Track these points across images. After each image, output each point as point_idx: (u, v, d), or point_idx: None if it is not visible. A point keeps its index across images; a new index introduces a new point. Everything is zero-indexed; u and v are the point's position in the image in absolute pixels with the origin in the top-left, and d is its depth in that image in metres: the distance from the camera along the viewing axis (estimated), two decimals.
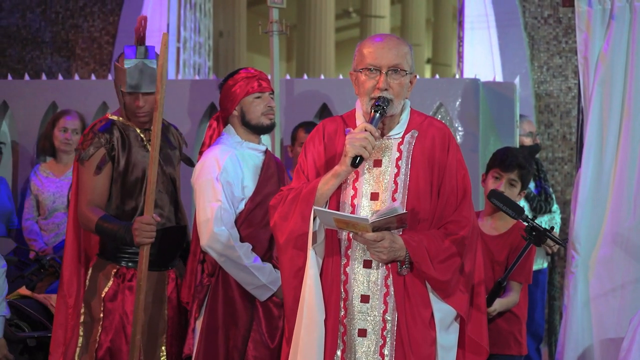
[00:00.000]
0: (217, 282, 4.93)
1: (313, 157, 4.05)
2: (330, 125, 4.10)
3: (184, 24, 9.45)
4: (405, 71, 3.95)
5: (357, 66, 3.99)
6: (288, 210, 3.94)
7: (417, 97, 7.30)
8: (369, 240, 3.79)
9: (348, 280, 3.91)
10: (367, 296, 3.90)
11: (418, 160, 3.96)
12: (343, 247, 3.94)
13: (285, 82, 7.67)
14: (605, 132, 5.51)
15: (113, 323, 4.89)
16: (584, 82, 5.56)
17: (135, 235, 4.70)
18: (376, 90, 3.90)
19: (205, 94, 7.74)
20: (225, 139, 5.06)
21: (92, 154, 4.89)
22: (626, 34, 5.50)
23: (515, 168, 5.11)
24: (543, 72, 8.83)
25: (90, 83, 8.24)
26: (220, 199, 4.86)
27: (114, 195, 4.95)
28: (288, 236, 3.93)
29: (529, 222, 4.74)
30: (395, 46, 3.97)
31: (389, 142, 3.99)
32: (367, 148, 3.80)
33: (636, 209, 5.46)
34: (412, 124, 4.03)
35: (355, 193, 3.94)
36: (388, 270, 3.90)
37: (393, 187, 3.92)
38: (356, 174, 3.95)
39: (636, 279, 5.45)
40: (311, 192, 3.89)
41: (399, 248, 3.82)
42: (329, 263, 3.94)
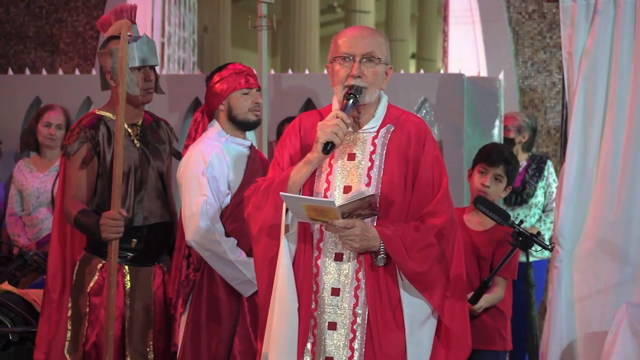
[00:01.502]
0: (203, 277, 4.93)
1: (289, 150, 4.06)
2: (306, 120, 4.10)
3: (169, 18, 9.42)
4: (379, 59, 3.94)
5: (332, 56, 3.99)
6: (261, 200, 3.94)
7: (402, 92, 7.31)
8: (339, 227, 3.76)
9: (319, 273, 3.91)
10: (338, 289, 3.90)
11: (393, 154, 3.95)
12: (315, 240, 3.93)
13: (270, 77, 7.67)
14: (589, 127, 5.52)
15: (98, 318, 4.89)
16: (568, 77, 5.57)
17: (102, 230, 4.70)
18: (350, 78, 3.90)
19: (190, 89, 7.73)
20: (211, 133, 5.06)
21: (77, 149, 4.90)
22: (610, 29, 5.51)
23: (501, 163, 5.12)
24: (527, 67, 8.84)
25: (74, 78, 8.23)
26: (206, 194, 4.86)
27: (100, 190, 4.95)
28: (261, 225, 3.93)
29: (515, 227, 4.74)
30: (369, 35, 3.98)
31: (364, 136, 3.98)
32: (338, 134, 3.79)
33: (620, 203, 5.47)
34: (388, 118, 4.03)
35: (328, 186, 3.93)
36: (359, 263, 3.89)
37: (366, 180, 3.91)
38: (330, 167, 3.95)
39: (620, 273, 5.46)
40: (283, 181, 3.90)
41: (372, 237, 3.80)
42: (301, 255, 3.93)
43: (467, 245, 5.04)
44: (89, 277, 4.92)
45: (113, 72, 4.97)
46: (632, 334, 5.00)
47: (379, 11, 19.35)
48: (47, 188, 6.82)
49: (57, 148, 6.93)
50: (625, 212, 5.46)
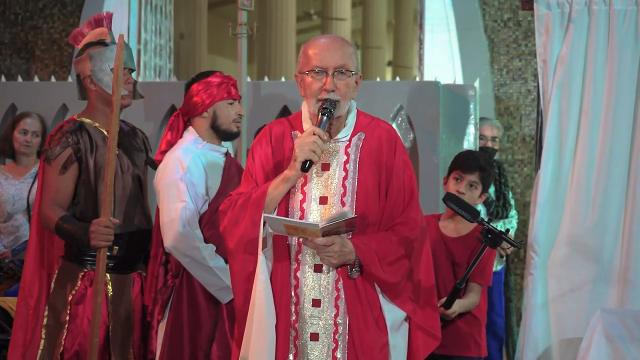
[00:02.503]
0: (181, 284, 4.93)
1: (261, 160, 4.05)
2: (277, 128, 4.10)
3: (145, 25, 9.42)
4: (351, 72, 3.95)
5: (303, 68, 3.98)
6: (238, 216, 3.93)
7: (378, 100, 7.32)
8: (319, 245, 3.79)
9: (299, 285, 3.92)
10: (319, 300, 3.91)
11: (365, 162, 3.97)
12: (293, 252, 3.94)
13: (247, 84, 7.67)
14: (564, 135, 5.55)
15: (80, 327, 4.85)
16: (543, 84, 5.60)
17: (92, 237, 4.66)
18: (323, 92, 3.90)
19: (166, 96, 7.72)
20: (187, 140, 5.06)
21: (58, 154, 4.88)
22: (584, 37, 5.55)
23: (476, 170, 5.14)
24: (503, 75, 8.88)
25: (50, 85, 8.21)
26: (185, 200, 4.86)
27: (82, 196, 4.93)
28: (238, 241, 3.93)
29: (484, 224, 4.77)
30: (340, 47, 3.97)
31: (337, 146, 4.00)
32: (316, 152, 3.81)
33: (594, 210, 5.50)
34: (358, 126, 4.04)
35: (304, 197, 3.94)
36: (338, 274, 3.91)
37: (342, 190, 3.93)
38: (305, 178, 3.95)
39: (594, 280, 5.49)
40: (261, 197, 3.89)
41: (349, 252, 3.83)
42: (279, 268, 3.94)
43: (442, 252, 5.06)
44: (70, 286, 4.87)
45: (94, 75, 4.95)
46: (606, 339, 5.03)
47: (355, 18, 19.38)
48: (23, 195, 6.79)
49: (33, 155, 6.92)
50: (600, 219, 5.49)
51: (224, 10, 19.13)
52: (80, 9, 9.40)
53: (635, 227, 5.45)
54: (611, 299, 5.48)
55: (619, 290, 5.49)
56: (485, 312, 5.25)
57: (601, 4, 5.52)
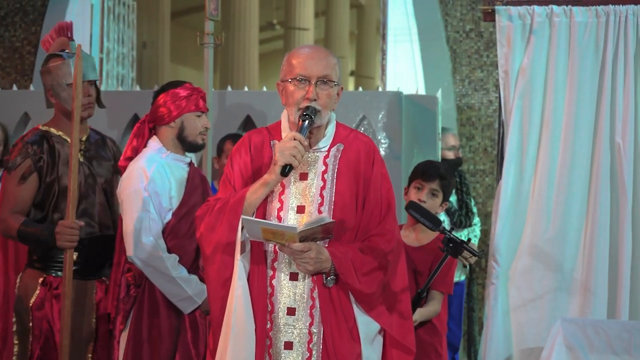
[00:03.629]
0: (143, 294, 4.91)
1: (240, 167, 4.04)
2: (256, 137, 4.10)
3: (107, 34, 9.38)
4: (334, 82, 3.98)
5: (286, 76, 3.99)
6: (215, 221, 3.92)
7: (341, 110, 7.32)
8: (295, 250, 3.79)
9: (274, 293, 3.91)
10: (293, 309, 3.90)
11: (343, 173, 3.98)
12: (269, 259, 3.93)
13: (212, 94, 7.66)
14: (525, 145, 5.60)
15: (42, 331, 4.89)
16: (505, 95, 5.64)
17: (58, 238, 4.73)
18: (305, 101, 3.91)
19: (129, 105, 7.70)
20: (151, 149, 5.05)
21: (18, 164, 4.93)
22: (545, 49, 5.60)
23: (436, 178, 5.16)
24: (465, 86, 8.92)
25: (12, 94, 8.17)
26: (149, 209, 4.85)
27: (43, 205, 4.96)
28: (215, 246, 3.91)
29: (446, 233, 4.79)
30: (324, 57, 3.99)
31: (315, 155, 4.00)
32: (296, 157, 3.81)
33: (555, 220, 5.55)
34: (337, 138, 4.06)
35: (281, 206, 3.94)
36: (314, 282, 3.90)
37: (319, 200, 3.93)
38: (282, 186, 3.95)
39: (554, 289, 5.54)
40: (239, 202, 3.88)
41: (325, 259, 3.83)
42: (255, 275, 3.93)
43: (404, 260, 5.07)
44: (31, 292, 4.92)
45: (53, 90, 5.03)
46: (567, 349, 5.07)
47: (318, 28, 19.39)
48: None
49: None
50: (561, 229, 5.55)
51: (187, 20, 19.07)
52: (42, 17, 9.35)
53: (596, 238, 5.50)
54: (572, 308, 5.52)
55: (580, 300, 5.54)
56: (446, 322, 5.26)
57: (562, 16, 5.58)
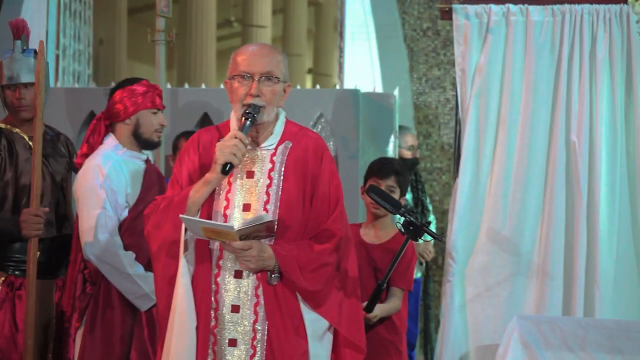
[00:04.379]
0: (99, 291, 4.89)
1: (187, 167, 4.05)
2: (205, 136, 4.11)
3: (64, 31, 9.32)
4: (278, 78, 3.97)
5: (231, 73, 4.00)
6: (160, 219, 3.93)
7: (298, 107, 7.34)
8: (236, 249, 3.80)
9: (219, 290, 3.91)
10: (238, 306, 3.90)
11: (290, 171, 3.98)
12: (214, 257, 3.94)
13: (167, 91, 7.64)
14: (482, 143, 5.62)
15: (2, 332, 4.87)
16: (461, 94, 5.66)
17: (23, 227, 4.71)
18: (248, 97, 3.91)
19: (85, 102, 7.66)
20: (107, 146, 5.04)
21: None
22: (502, 48, 5.63)
23: (392, 174, 5.17)
24: (422, 84, 8.96)
25: None
26: (104, 207, 4.84)
27: (5, 201, 4.94)
28: (160, 244, 3.93)
29: (406, 216, 4.80)
30: (268, 54, 4.00)
31: (262, 153, 4.00)
32: (237, 155, 3.81)
33: (511, 217, 5.58)
34: (286, 135, 4.06)
35: (227, 204, 3.94)
36: (258, 280, 3.90)
37: (265, 198, 3.93)
38: (229, 185, 3.95)
39: (511, 287, 5.57)
40: (183, 201, 3.89)
41: (268, 257, 3.84)
42: (200, 272, 3.93)
43: (364, 259, 5.07)
44: None
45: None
46: (522, 346, 5.09)
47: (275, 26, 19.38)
48: None
49: None
50: (517, 226, 5.57)
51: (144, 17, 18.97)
52: None
53: (551, 234, 5.54)
54: (528, 305, 5.56)
55: (535, 297, 5.57)
56: (406, 319, 5.27)
57: (519, 14, 5.61)
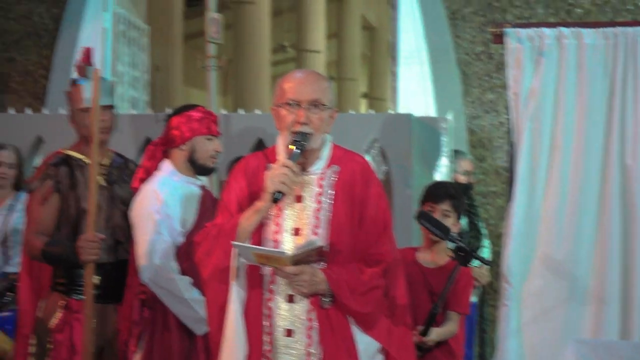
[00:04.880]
0: (156, 316, 4.94)
1: (236, 193, 4.09)
2: (252, 161, 4.16)
3: (120, 58, 9.43)
4: (325, 105, 4.00)
5: (278, 101, 4.05)
6: (211, 246, 3.97)
7: (351, 132, 7.36)
8: (289, 274, 3.83)
9: (272, 315, 3.95)
10: (292, 330, 3.94)
11: (339, 194, 4.01)
12: (266, 282, 3.97)
13: (221, 116, 7.69)
14: (535, 167, 5.60)
15: (61, 355, 4.94)
16: (515, 117, 5.64)
17: (80, 253, 4.79)
18: (296, 124, 3.96)
19: (141, 129, 7.73)
20: (164, 172, 5.10)
21: (39, 185, 5.03)
22: (555, 71, 5.60)
23: (446, 198, 5.17)
24: (476, 107, 8.93)
25: (25, 117, 8.21)
26: (161, 232, 4.89)
27: (64, 227, 5.03)
28: (211, 271, 3.97)
29: (456, 241, 4.80)
30: (315, 81, 4.04)
31: (310, 178, 4.03)
32: (286, 183, 3.85)
33: (566, 241, 5.54)
34: (332, 159, 4.09)
35: (277, 229, 3.98)
36: (311, 304, 3.94)
37: (314, 222, 3.97)
38: (278, 209, 3.98)
39: (567, 311, 5.53)
40: (233, 228, 3.93)
41: (320, 281, 3.87)
42: (252, 298, 3.97)
43: (420, 283, 5.07)
44: (52, 314, 4.98)
45: (71, 115, 5.16)
46: None
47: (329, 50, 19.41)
48: None
49: (8, 187, 6.92)
50: (573, 250, 5.54)
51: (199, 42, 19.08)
52: (54, 40, 9.41)
53: (607, 258, 5.50)
54: (584, 328, 5.51)
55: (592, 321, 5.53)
56: (463, 343, 5.25)
57: (571, 37, 5.59)
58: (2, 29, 9.58)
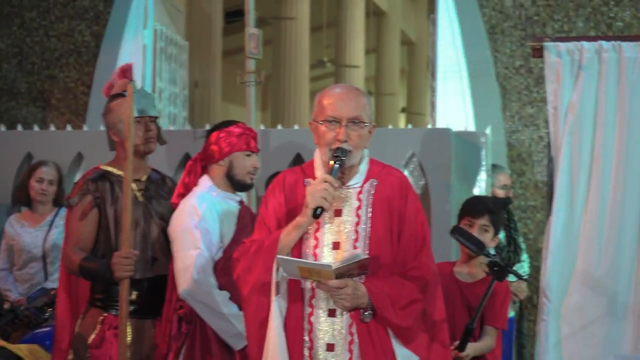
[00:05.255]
0: (195, 331, 4.95)
1: (274, 208, 4.10)
2: (290, 176, 4.16)
3: (160, 74, 9.50)
4: (365, 123, 4.01)
5: (317, 117, 4.05)
6: (251, 262, 3.98)
7: (390, 147, 7.36)
8: (332, 287, 3.83)
9: (313, 330, 3.96)
10: (333, 344, 3.95)
11: (377, 208, 4.02)
12: (307, 297, 3.98)
13: (259, 132, 7.72)
14: (575, 181, 5.57)
15: None
16: (554, 131, 5.62)
17: (114, 270, 4.81)
18: (336, 142, 3.96)
19: (181, 145, 7.76)
20: (202, 187, 5.13)
21: (79, 201, 5.06)
22: (595, 85, 5.58)
23: (485, 213, 5.16)
24: (515, 122, 8.91)
25: (66, 134, 8.28)
26: (200, 247, 4.91)
27: (104, 242, 5.06)
28: (251, 288, 3.98)
29: (490, 257, 4.79)
30: (354, 98, 4.03)
31: (349, 192, 4.04)
32: (327, 199, 3.86)
33: (607, 256, 5.51)
34: (370, 173, 4.10)
35: (317, 243, 3.99)
36: (352, 318, 3.94)
37: (354, 236, 3.98)
38: (317, 224, 4.00)
39: (607, 326, 5.50)
40: (273, 244, 3.94)
41: (362, 295, 3.87)
42: (293, 312, 3.98)
43: (457, 297, 5.07)
44: (90, 330, 5.00)
45: (114, 128, 5.13)
46: None
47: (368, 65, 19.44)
48: (39, 243, 6.84)
49: (48, 203, 6.99)
50: (613, 265, 5.51)
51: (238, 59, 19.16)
52: (95, 57, 9.49)
53: None
54: (624, 347, 5.48)
55: (632, 338, 5.49)
56: (500, 358, 5.24)
57: (611, 51, 5.56)
58: (44, 47, 9.69)
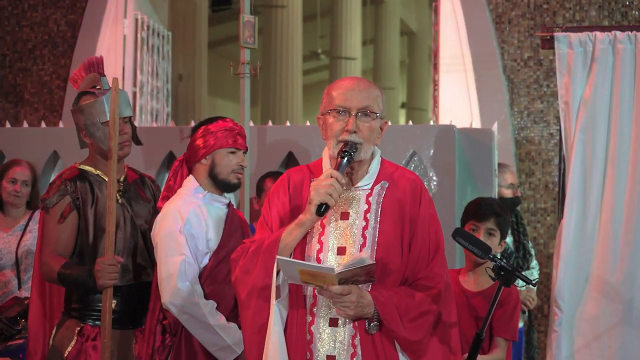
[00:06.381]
0: (180, 343, 4.93)
1: (277, 208, 4.08)
2: (295, 176, 4.14)
3: (141, 67, 9.48)
4: (376, 114, 3.99)
5: (325, 108, 4.04)
6: (250, 263, 3.95)
7: (390, 145, 7.35)
8: (335, 293, 3.80)
9: (313, 340, 3.93)
10: (333, 357, 3.92)
11: (388, 213, 3.99)
12: (308, 304, 3.96)
13: (249, 129, 7.71)
14: (588, 182, 5.57)
15: None
16: (566, 128, 5.62)
17: (98, 277, 4.78)
18: (345, 133, 3.94)
19: (164, 142, 7.76)
20: (187, 189, 5.08)
21: (56, 202, 5.00)
22: (609, 78, 5.57)
23: (491, 216, 5.15)
24: (523, 118, 8.91)
25: (40, 131, 8.26)
26: (184, 253, 4.87)
27: (80, 247, 5.03)
28: (250, 290, 3.95)
29: (496, 261, 4.79)
30: (365, 88, 4.02)
31: (357, 194, 4.02)
32: (332, 195, 3.83)
33: (623, 262, 5.50)
34: (382, 175, 4.07)
35: (321, 247, 3.96)
36: (355, 329, 3.91)
37: (361, 240, 3.95)
38: (322, 227, 3.98)
39: (623, 337, 5.49)
40: (274, 243, 3.92)
41: (367, 304, 3.84)
42: (293, 321, 3.96)
43: (464, 307, 5.07)
44: (67, 342, 4.97)
45: (86, 130, 5.09)
46: None
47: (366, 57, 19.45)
48: (11, 249, 6.81)
49: (22, 206, 6.96)
50: (630, 271, 5.50)
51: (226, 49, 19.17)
52: (72, 49, 9.48)
53: None
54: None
55: None
56: None
57: (626, 42, 5.56)
58: (16, 37, 9.67)
